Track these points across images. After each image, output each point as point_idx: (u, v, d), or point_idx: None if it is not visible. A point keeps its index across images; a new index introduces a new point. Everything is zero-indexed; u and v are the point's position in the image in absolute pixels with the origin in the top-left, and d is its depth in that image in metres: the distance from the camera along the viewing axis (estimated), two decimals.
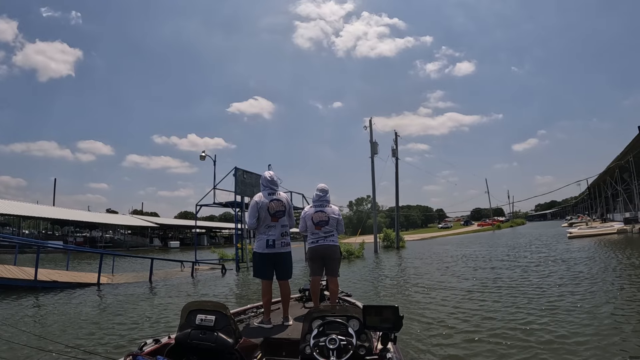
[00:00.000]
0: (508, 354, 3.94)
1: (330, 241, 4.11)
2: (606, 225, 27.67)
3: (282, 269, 3.75)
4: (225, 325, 2.22)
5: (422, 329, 4.98)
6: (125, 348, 4.36)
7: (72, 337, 5.10)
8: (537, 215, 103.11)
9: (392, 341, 2.18)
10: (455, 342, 4.40)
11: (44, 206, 42.49)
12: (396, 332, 2.14)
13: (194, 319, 2.27)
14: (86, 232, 46.87)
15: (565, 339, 4.23)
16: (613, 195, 38.04)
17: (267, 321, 3.45)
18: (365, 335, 2.21)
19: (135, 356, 2.00)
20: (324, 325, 2.23)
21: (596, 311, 5.32)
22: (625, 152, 25.30)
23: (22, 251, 18.14)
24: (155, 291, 9.86)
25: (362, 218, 61.41)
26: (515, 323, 4.99)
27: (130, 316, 6.51)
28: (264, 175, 3.91)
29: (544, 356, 3.79)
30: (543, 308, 5.70)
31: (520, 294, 6.96)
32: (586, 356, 3.72)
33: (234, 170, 16.20)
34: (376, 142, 25.58)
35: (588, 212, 52.64)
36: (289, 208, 3.86)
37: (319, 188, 4.28)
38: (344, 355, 2.04)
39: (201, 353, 2.21)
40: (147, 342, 2.32)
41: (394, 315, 2.11)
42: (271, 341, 2.99)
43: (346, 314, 2.30)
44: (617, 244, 16.86)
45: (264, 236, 3.69)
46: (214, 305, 2.34)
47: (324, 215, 4.12)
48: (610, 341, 4.06)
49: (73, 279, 10.92)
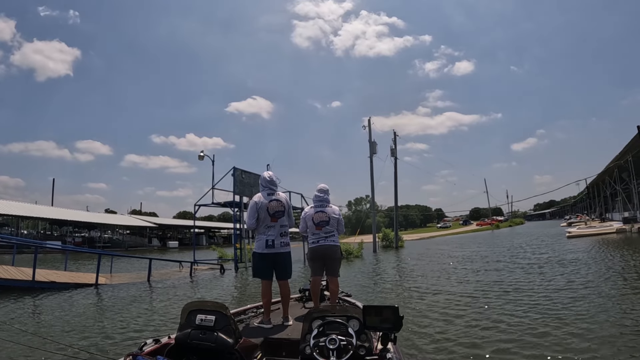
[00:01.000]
0: (507, 353, 3.95)
1: (331, 241, 4.12)
2: (605, 224, 27.73)
3: (282, 269, 3.75)
4: (225, 325, 2.22)
5: (422, 329, 4.98)
6: (125, 348, 4.35)
7: (72, 337, 5.09)
8: (535, 215, 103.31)
9: (392, 341, 2.17)
10: (456, 342, 4.40)
11: (43, 206, 42.43)
12: (396, 332, 2.14)
13: (194, 319, 2.27)
14: (85, 233, 46.75)
15: (565, 343, 4.23)
16: (612, 195, 38.17)
17: (267, 321, 3.45)
18: (365, 335, 2.20)
19: (135, 356, 2.00)
20: (324, 325, 2.23)
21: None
22: (624, 152, 25.38)
23: (20, 251, 18.11)
24: (154, 291, 9.85)
25: (361, 218, 61.39)
26: (516, 323, 5.00)
27: (129, 316, 6.50)
28: (263, 176, 3.91)
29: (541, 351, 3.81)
30: (540, 309, 5.72)
31: (519, 294, 6.96)
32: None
33: (232, 170, 16.19)
34: (375, 142, 25.67)
35: (587, 211, 52.78)
36: (288, 208, 3.86)
37: (319, 188, 4.28)
38: (344, 355, 2.04)
39: (201, 353, 2.21)
40: (147, 342, 2.32)
41: (394, 315, 2.11)
42: (271, 341, 2.98)
43: (346, 314, 2.30)
44: (617, 244, 16.90)
45: (263, 236, 3.69)
46: (214, 305, 2.34)
47: (324, 216, 4.12)
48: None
49: (71, 279, 10.89)
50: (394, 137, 28.89)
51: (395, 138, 28.90)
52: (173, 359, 2.16)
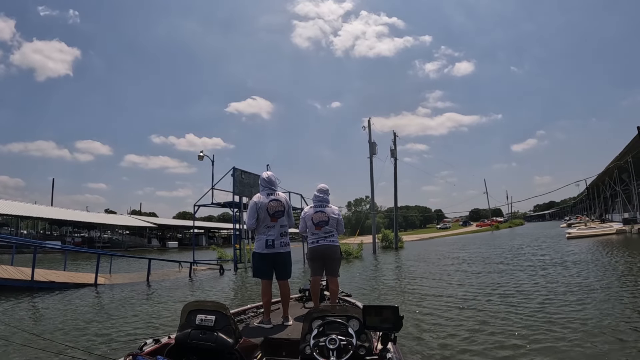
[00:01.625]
0: (509, 352, 3.95)
1: (330, 241, 4.12)
2: (605, 225, 27.73)
3: (282, 269, 3.76)
4: (225, 325, 2.22)
5: (422, 329, 4.98)
6: (125, 348, 4.35)
7: (71, 337, 5.08)
8: (535, 216, 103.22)
9: (392, 341, 2.17)
10: (456, 342, 4.40)
11: (42, 206, 42.40)
12: (396, 332, 2.14)
13: (194, 319, 2.27)
14: (84, 233, 46.74)
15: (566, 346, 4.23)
16: (612, 196, 38.17)
17: (267, 321, 3.45)
18: (365, 335, 2.20)
19: (135, 356, 2.00)
20: (324, 325, 2.23)
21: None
22: (624, 153, 25.38)
23: (20, 251, 18.10)
24: (153, 291, 9.84)
25: (361, 218, 61.36)
26: (516, 324, 5.00)
27: (129, 316, 6.49)
28: (262, 176, 3.93)
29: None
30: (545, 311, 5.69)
31: (521, 297, 6.93)
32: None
33: (232, 171, 16.19)
34: (375, 143, 25.66)
35: (587, 212, 52.75)
36: (288, 208, 3.87)
37: (319, 188, 4.29)
38: (344, 355, 2.04)
39: (201, 353, 2.21)
40: (147, 342, 2.33)
41: (394, 315, 2.11)
42: (271, 341, 2.98)
43: (346, 314, 2.30)
44: (617, 245, 16.89)
45: (263, 236, 3.70)
46: (214, 305, 2.34)
47: (323, 216, 4.13)
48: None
49: (70, 279, 10.87)
50: (393, 138, 28.94)
51: (395, 139, 28.94)
52: (173, 359, 2.16)
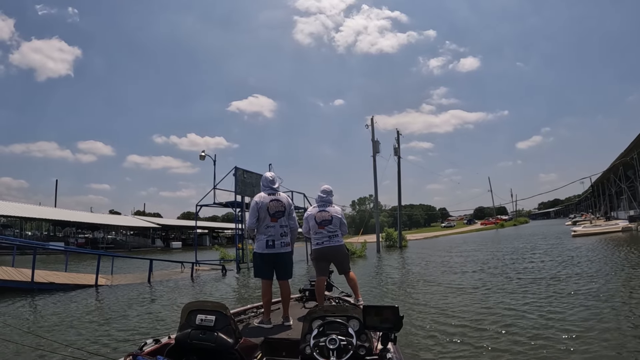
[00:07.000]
0: (508, 352, 3.92)
1: (335, 242, 4.15)
2: (611, 223, 27.54)
3: (282, 269, 3.76)
4: (225, 325, 2.22)
5: (422, 329, 4.96)
6: (125, 348, 4.36)
7: (71, 337, 5.10)
8: (540, 214, 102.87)
9: (392, 341, 2.16)
10: (456, 342, 4.38)
11: (46, 207, 42.64)
12: (396, 332, 2.13)
13: (194, 319, 2.27)
14: (88, 234, 47.02)
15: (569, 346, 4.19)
16: (617, 193, 37.89)
17: (267, 321, 3.45)
18: (366, 335, 2.19)
19: (135, 356, 2.00)
20: (324, 325, 2.22)
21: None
22: (629, 149, 25.20)
23: (22, 253, 18.25)
24: (154, 292, 9.87)
25: (365, 217, 61.27)
26: (517, 325, 4.98)
27: (129, 317, 6.52)
28: (264, 176, 3.95)
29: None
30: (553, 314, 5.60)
31: (528, 297, 6.80)
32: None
33: (234, 170, 16.22)
34: (378, 141, 25.51)
35: (592, 210, 52.44)
36: (289, 208, 3.85)
37: (323, 189, 4.32)
38: (344, 355, 2.03)
39: (201, 353, 2.21)
40: (147, 342, 2.33)
41: (394, 315, 2.10)
42: (271, 341, 2.98)
43: (346, 314, 2.29)
44: (624, 242, 16.74)
45: (263, 236, 3.70)
46: (214, 305, 2.34)
47: (326, 215, 4.16)
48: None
49: (71, 280, 10.89)
50: (397, 136, 28.82)
51: (398, 137, 28.78)
52: (173, 359, 2.16)
